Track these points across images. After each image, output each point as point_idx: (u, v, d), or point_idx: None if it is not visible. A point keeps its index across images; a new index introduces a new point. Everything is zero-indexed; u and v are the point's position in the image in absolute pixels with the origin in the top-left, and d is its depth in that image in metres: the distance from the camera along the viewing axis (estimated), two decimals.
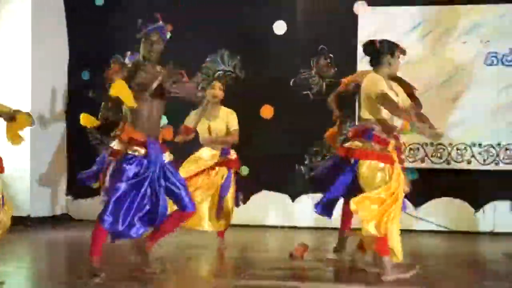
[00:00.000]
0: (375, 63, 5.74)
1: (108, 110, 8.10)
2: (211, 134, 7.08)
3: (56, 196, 9.93)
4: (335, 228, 8.18)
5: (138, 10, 9.36)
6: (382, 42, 5.76)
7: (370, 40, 5.75)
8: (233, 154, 7.15)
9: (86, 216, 9.39)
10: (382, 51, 5.68)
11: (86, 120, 8.08)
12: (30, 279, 5.99)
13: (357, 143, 5.74)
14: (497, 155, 8.37)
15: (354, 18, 9.12)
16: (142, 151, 5.31)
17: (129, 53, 6.23)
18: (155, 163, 5.29)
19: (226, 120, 7.16)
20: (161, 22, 5.97)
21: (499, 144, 8.39)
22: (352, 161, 5.77)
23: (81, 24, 9.99)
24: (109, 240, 5.55)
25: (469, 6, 8.84)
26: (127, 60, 6.91)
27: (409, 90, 6.55)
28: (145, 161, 5.29)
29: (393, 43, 5.81)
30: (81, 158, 9.39)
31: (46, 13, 9.72)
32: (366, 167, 5.49)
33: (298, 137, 8.83)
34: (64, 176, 10.00)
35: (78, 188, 9.56)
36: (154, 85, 5.38)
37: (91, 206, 9.07)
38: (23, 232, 8.30)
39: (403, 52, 5.81)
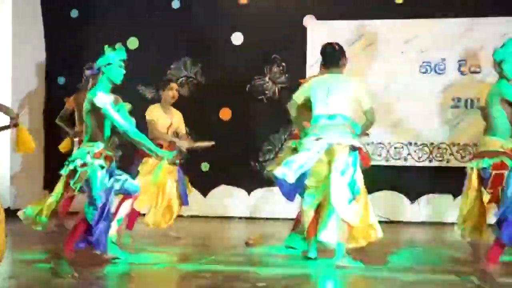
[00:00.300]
0: (334, 63, 5.78)
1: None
2: (169, 132, 7.14)
3: (34, 190, 9.83)
4: (285, 219, 8.58)
5: (108, 23, 9.74)
6: (339, 44, 5.85)
7: (329, 43, 5.83)
8: None
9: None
10: (340, 52, 5.78)
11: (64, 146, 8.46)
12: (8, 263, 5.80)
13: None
14: (430, 153, 8.67)
15: (303, 30, 9.28)
16: (108, 163, 5.55)
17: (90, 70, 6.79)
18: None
19: (179, 120, 7.26)
20: (124, 52, 6.01)
21: (432, 143, 8.68)
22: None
23: (58, 33, 10.03)
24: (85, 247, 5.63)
25: (406, 21, 8.96)
26: (87, 73, 7.85)
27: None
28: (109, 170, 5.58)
29: None
30: (56, 156, 9.14)
31: (26, 21, 9.76)
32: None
33: (253, 137, 9.02)
34: (41, 172, 10.02)
35: (54, 183, 9.52)
36: None
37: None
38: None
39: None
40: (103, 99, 5.43)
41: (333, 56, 5.75)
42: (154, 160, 6.82)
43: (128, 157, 7.61)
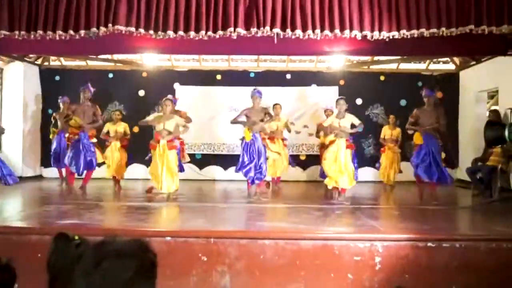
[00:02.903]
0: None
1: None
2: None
3: (35, 166, 13.53)
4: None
5: (75, 83, 12.17)
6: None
7: None
8: None
9: (51, 176, 13.15)
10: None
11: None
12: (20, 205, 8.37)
13: None
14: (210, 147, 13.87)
15: (174, 90, 13.40)
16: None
17: (61, 97, 11.12)
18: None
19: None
20: (89, 85, 9.74)
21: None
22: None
23: (49, 87, 13.65)
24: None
25: (222, 87, 13.59)
26: (59, 100, 11.53)
27: (184, 116, 10.14)
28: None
29: None
30: (46, 145, 12.89)
31: (30, 80, 13.32)
32: None
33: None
34: (39, 154, 13.55)
35: (47, 162, 13.32)
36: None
37: (52, 170, 12.87)
38: (18, 184, 10.45)
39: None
40: None
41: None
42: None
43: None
